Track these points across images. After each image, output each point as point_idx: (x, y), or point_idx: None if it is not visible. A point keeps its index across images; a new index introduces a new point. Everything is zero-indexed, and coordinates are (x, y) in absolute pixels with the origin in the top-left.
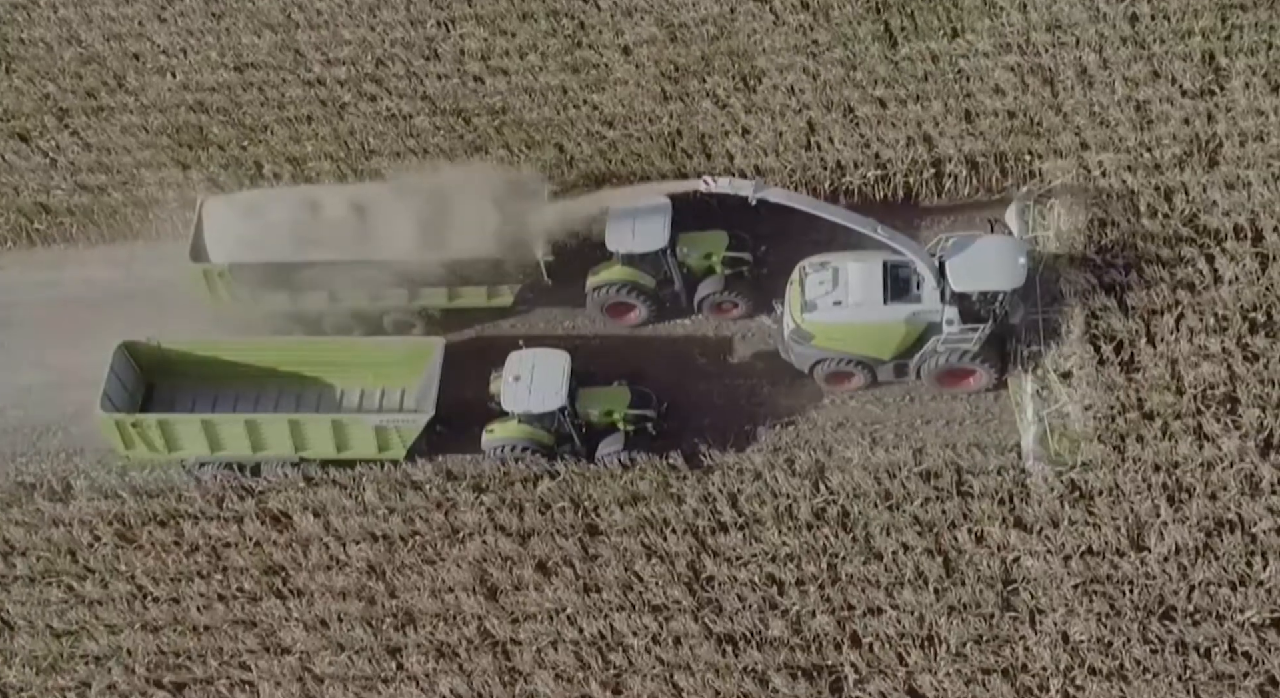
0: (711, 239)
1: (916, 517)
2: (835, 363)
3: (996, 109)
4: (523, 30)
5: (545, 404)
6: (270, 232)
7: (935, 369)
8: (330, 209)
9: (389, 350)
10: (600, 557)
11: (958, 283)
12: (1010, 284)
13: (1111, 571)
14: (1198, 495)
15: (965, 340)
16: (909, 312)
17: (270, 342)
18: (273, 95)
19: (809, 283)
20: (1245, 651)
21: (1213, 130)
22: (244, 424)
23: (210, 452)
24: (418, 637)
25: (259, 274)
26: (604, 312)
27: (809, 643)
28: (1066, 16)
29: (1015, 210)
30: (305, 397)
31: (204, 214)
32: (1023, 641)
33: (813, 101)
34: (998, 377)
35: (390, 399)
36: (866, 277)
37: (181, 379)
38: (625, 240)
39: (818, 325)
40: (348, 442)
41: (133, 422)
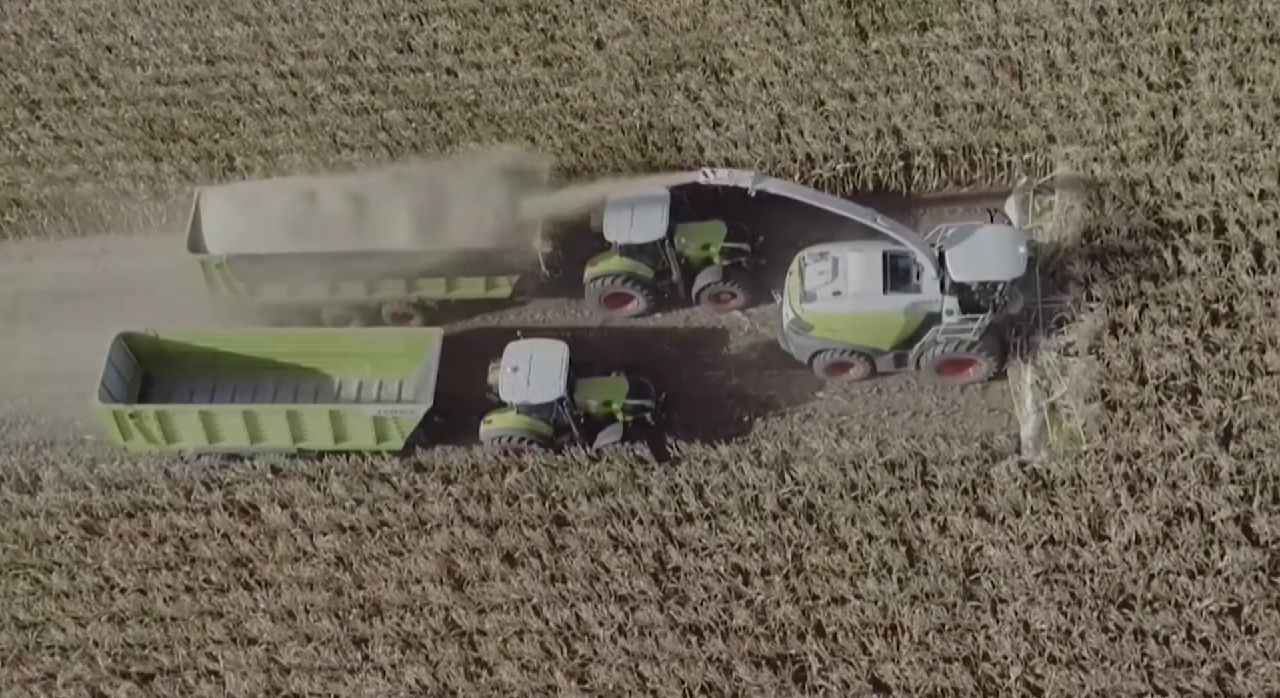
0: (709, 230)
1: (881, 507)
2: (835, 353)
3: (965, 102)
4: (496, 23)
5: (543, 395)
6: (268, 222)
7: (935, 359)
8: (328, 200)
9: (387, 341)
10: (567, 548)
11: (957, 273)
12: (1010, 274)
13: (1072, 560)
14: (1158, 485)
15: (965, 330)
16: (909, 302)
17: (268, 333)
18: (245, 88)
19: (808, 273)
20: (1203, 638)
21: (1178, 123)
22: (242, 415)
23: (208, 443)
24: (384, 628)
25: (257, 265)
26: (602, 303)
27: (773, 632)
28: (1035, 10)
29: (1015, 200)
30: (303, 388)
31: (202, 205)
32: (984, 629)
33: (783, 94)
34: (997, 367)
35: (388, 390)
36: (866, 267)
37: (179, 370)
38: (623, 231)
39: (817, 316)
40: (346, 433)
41: (130, 413)
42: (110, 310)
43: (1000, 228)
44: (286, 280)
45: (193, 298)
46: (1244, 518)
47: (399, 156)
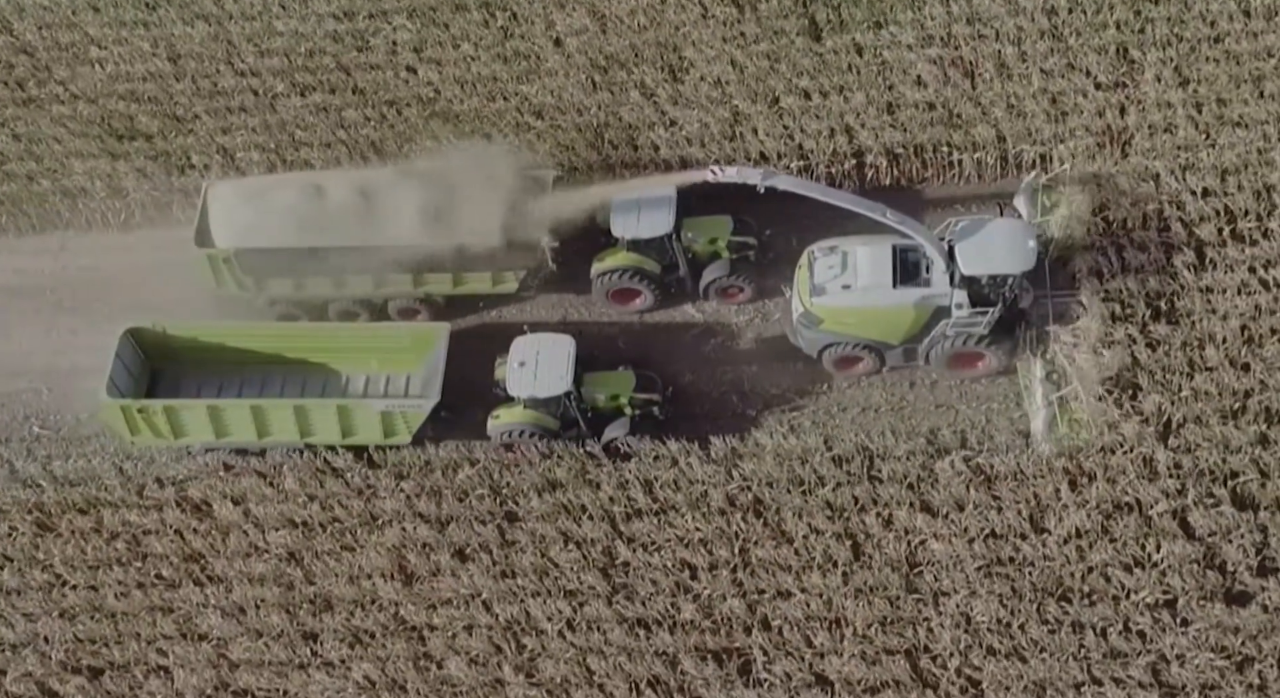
0: (716, 224)
1: (828, 501)
2: (844, 347)
3: (917, 101)
4: (455, 21)
5: (550, 389)
6: (275, 217)
7: (944, 353)
8: (335, 195)
9: (395, 336)
10: (517, 543)
11: (967, 266)
12: (1019, 267)
13: (1013, 553)
14: (1098, 480)
15: (974, 324)
16: (918, 296)
17: (275, 327)
18: (204, 86)
19: (818, 267)
20: (1139, 630)
21: (1124, 122)
22: (250, 410)
23: (216, 437)
24: (334, 623)
25: (264, 260)
26: (609, 297)
27: (719, 626)
28: (986, 9)
29: (1025, 194)
30: (311, 382)
31: (208, 199)
32: (926, 622)
33: (738, 93)
34: (1007, 360)
35: (395, 385)
36: (875, 261)
37: (186, 365)
38: (630, 226)
39: (826, 309)
40: (353, 427)
41: (139, 408)
42: (70, 307)
43: (1010, 222)
44: (293, 275)
45: (150, 293)
46: (1180, 512)
47: (357, 154)
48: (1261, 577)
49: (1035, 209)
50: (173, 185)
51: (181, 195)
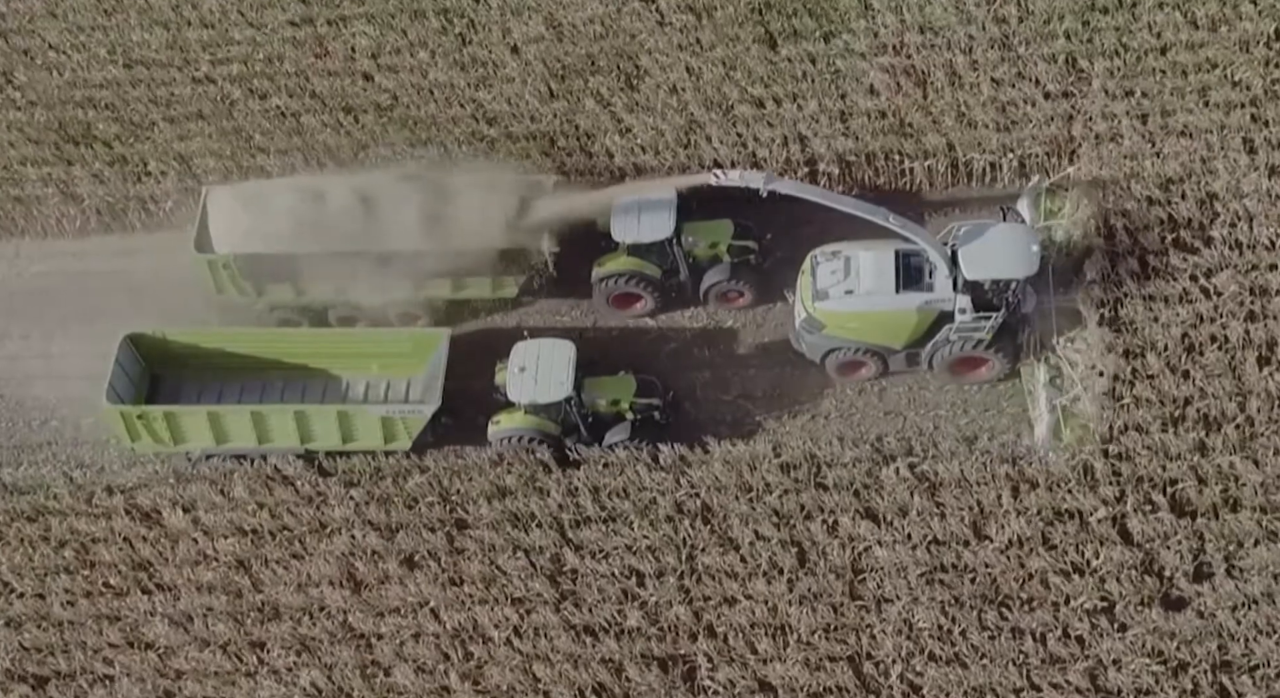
0: (717, 228)
1: (775, 508)
2: (847, 352)
3: (868, 109)
4: (413, 28)
5: (551, 394)
6: (275, 222)
7: (947, 358)
8: (335, 200)
9: (394, 341)
10: (466, 551)
11: (970, 271)
12: (1023, 272)
13: (955, 560)
14: (1039, 487)
15: (978, 329)
16: (921, 300)
17: (275, 332)
18: (161, 93)
19: (820, 272)
20: (1078, 635)
21: (1070, 131)
22: (250, 416)
23: (216, 443)
24: (281, 631)
25: (264, 265)
26: (610, 302)
27: (665, 633)
28: (938, 18)
29: (1028, 198)
30: (311, 388)
31: (208, 204)
32: (869, 629)
33: (693, 100)
34: (1010, 366)
35: (395, 390)
36: (878, 265)
37: (186, 371)
38: (631, 230)
39: (829, 314)
40: (353, 433)
41: (138, 414)
42: (28, 315)
43: (1013, 226)
44: (293, 280)
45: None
46: (1119, 518)
47: (313, 160)
48: (1197, 582)
49: (1039, 213)
50: (128, 192)
51: (137, 202)
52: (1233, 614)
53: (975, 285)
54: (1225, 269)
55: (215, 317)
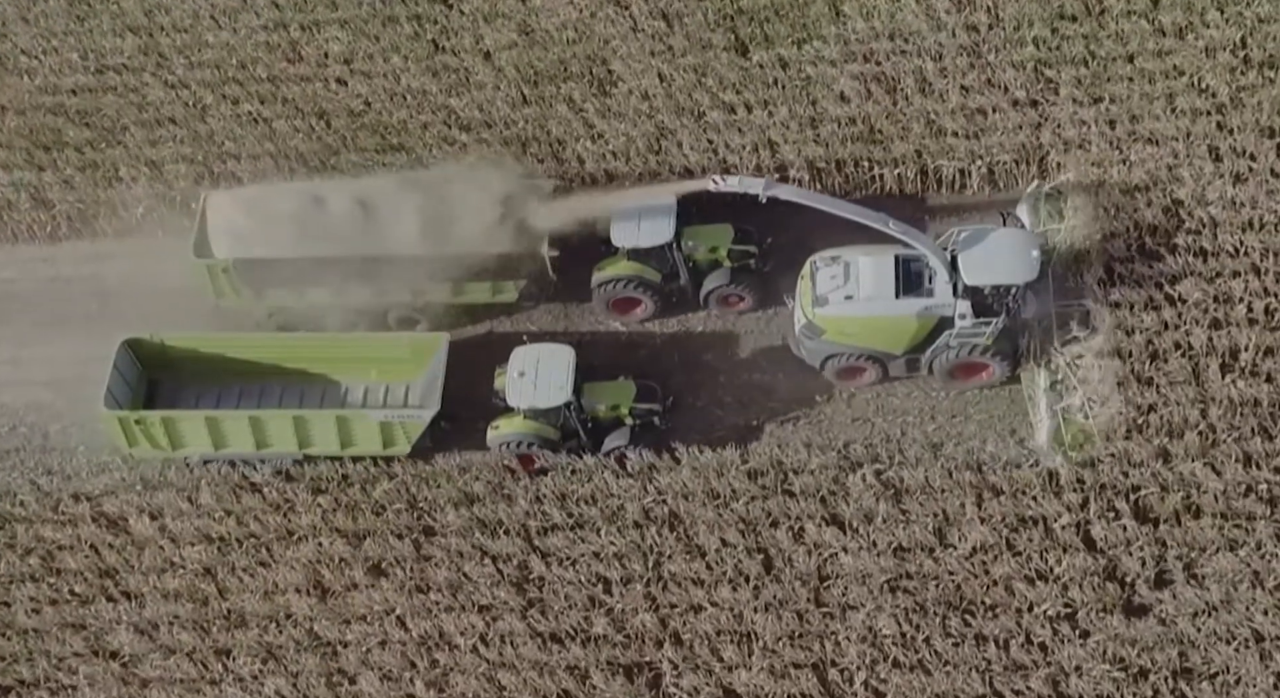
0: (717, 232)
1: (741, 515)
2: (847, 358)
3: (838, 116)
4: (386, 34)
5: (550, 400)
6: (274, 227)
7: (948, 363)
8: (334, 204)
9: (393, 346)
10: (433, 558)
11: (970, 277)
12: (1023, 278)
13: (919, 567)
14: (1004, 494)
15: (978, 335)
16: (921, 306)
17: (274, 337)
18: (133, 98)
19: (820, 277)
20: (1040, 642)
21: (1039, 139)
22: (248, 421)
23: (214, 449)
24: (247, 638)
25: (263, 270)
26: (610, 307)
27: (630, 640)
28: (908, 25)
29: (1028, 203)
30: (309, 392)
31: (207, 209)
32: (833, 636)
33: (664, 106)
34: (1011, 371)
35: (394, 395)
36: (878, 271)
37: (184, 375)
38: (631, 235)
39: (829, 320)
40: (352, 438)
41: (136, 419)
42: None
43: (1013, 231)
44: (293, 285)
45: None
46: (1083, 525)
47: (285, 166)
48: (1159, 589)
49: (1038, 218)
50: (99, 198)
51: (108, 208)
52: (1193, 621)
53: (975, 291)
54: (1189, 276)
55: (191, 321)
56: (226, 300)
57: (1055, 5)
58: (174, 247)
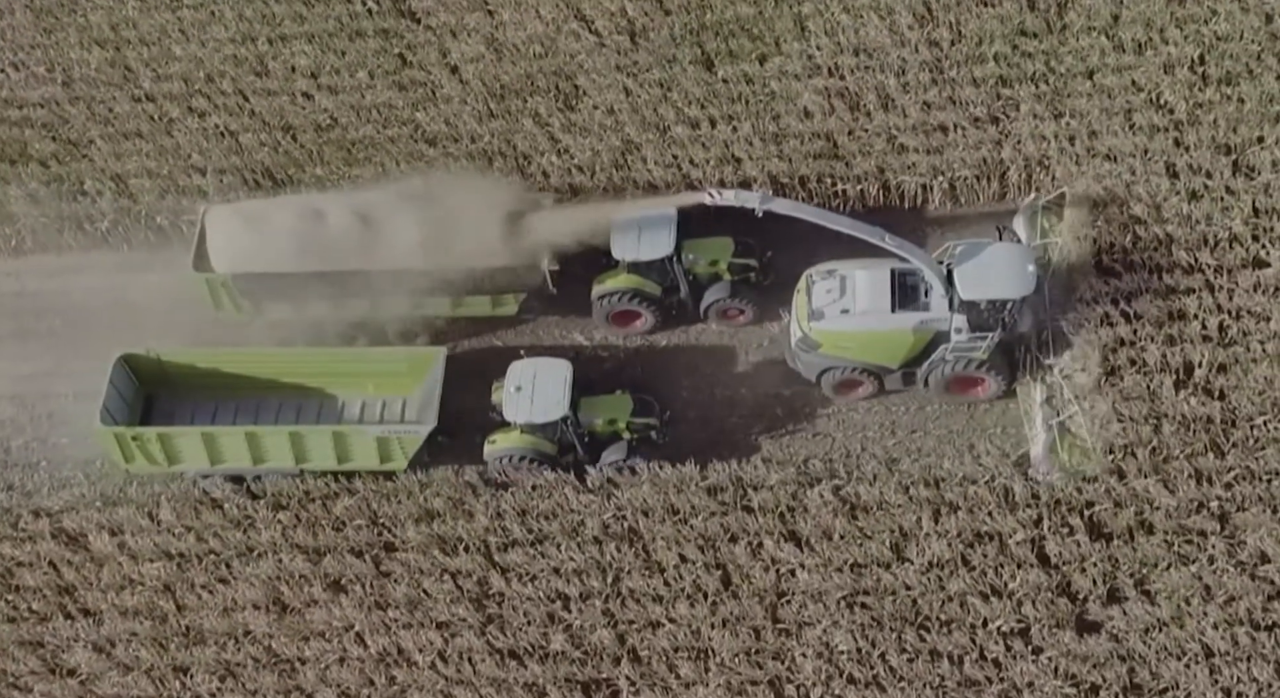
0: (717, 245)
1: (700, 532)
2: (843, 371)
3: (801, 132)
4: (352, 48)
5: (547, 414)
6: (274, 241)
7: (944, 377)
8: (333, 218)
9: (390, 361)
10: (392, 574)
11: (966, 291)
12: (1019, 292)
13: (875, 583)
14: (960, 510)
15: (974, 349)
16: (917, 320)
17: (271, 352)
18: (100, 111)
19: (816, 291)
20: (994, 658)
21: (999, 155)
22: (245, 437)
23: (211, 464)
24: (204, 656)
25: (263, 284)
26: (610, 320)
27: (588, 657)
28: (872, 40)
29: (1024, 216)
30: (306, 407)
31: (206, 223)
32: (789, 653)
33: (629, 121)
34: (1006, 385)
35: (391, 409)
36: (874, 285)
37: (181, 390)
38: (631, 248)
39: (825, 333)
40: (349, 453)
41: (133, 435)
42: None
43: (1009, 246)
44: (292, 299)
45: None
46: (1037, 541)
47: (251, 181)
48: (1110, 605)
49: (1035, 232)
50: (63, 212)
51: (73, 222)
52: (1143, 637)
53: (971, 305)
54: (1145, 293)
55: (160, 336)
56: (226, 313)
57: (1016, 22)
58: (140, 260)
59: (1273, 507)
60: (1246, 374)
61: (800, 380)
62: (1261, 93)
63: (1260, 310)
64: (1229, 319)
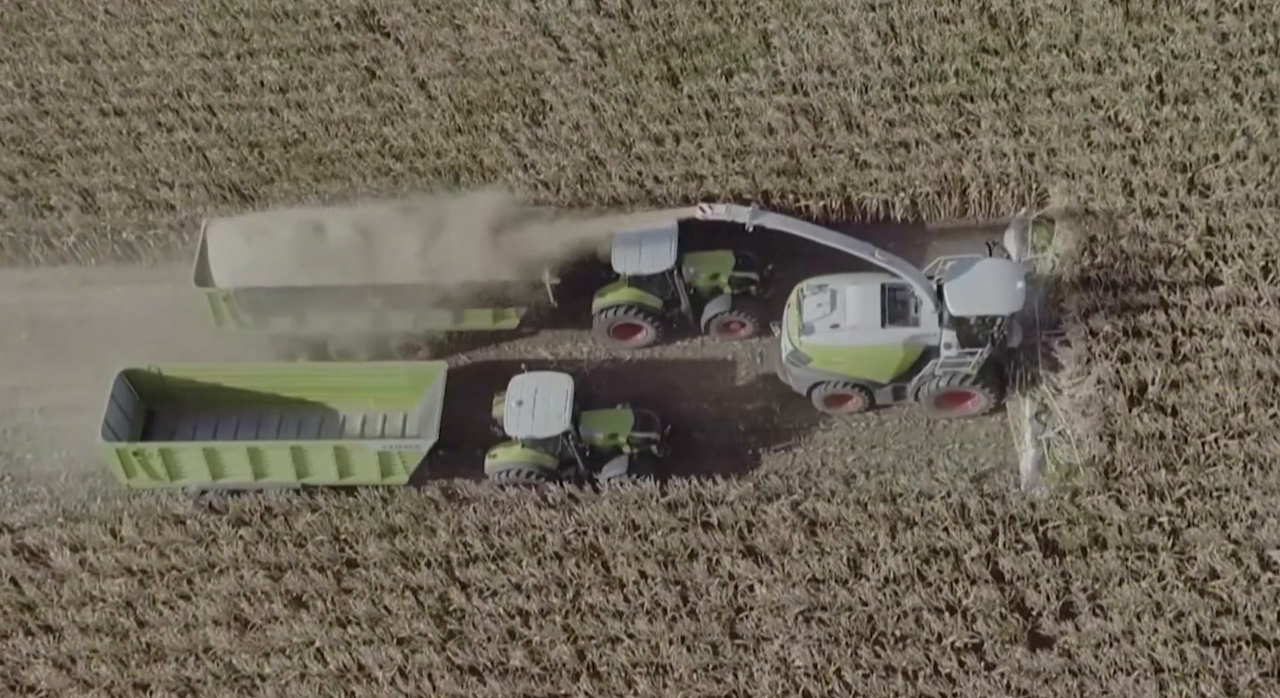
0: (718, 259)
1: (660, 547)
2: (833, 385)
3: (764, 148)
4: (320, 63)
5: (548, 429)
6: (275, 255)
7: (934, 392)
8: (335, 232)
9: (391, 375)
10: (354, 590)
11: (956, 307)
12: (1008, 308)
13: (832, 598)
14: (916, 525)
15: (963, 364)
16: (907, 335)
17: (272, 367)
18: (68, 125)
19: (806, 305)
20: (947, 673)
21: (960, 172)
22: (246, 451)
23: (212, 479)
24: (164, 673)
25: (264, 298)
26: (610, 333)
27: (547, 673)
28: (835, 57)
29: (1015, 232)
30: (306, 421)
31: (208, 237)
32: (747, 668)
33: (595, 137)
34: (996, 400)
35: (392, 424)
36: (864, 299)
37: (182, 405)
38: (632, 261)
39: (815, 348)
40: (350, 468)
41: (134, 451)
42: None
43: (999, 262)
44: (294, 313)
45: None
46: (991, 557)
47: (217, 196)
48: (1063, 621)
49: (1025, 247)
50: (29, 226)
51: (39, 236)
52: (1095, 652)
53: (961, 321)
54: (1099, 310)
55: (131, 351)
56: (228, 327)
57: (978, 39)
58: (107, 275)
59: (1222, 523)
60: (1198, 391)
61: (792, 394)
62: (1216, 112)
63: (1213, 328)
64: (1182, 336)
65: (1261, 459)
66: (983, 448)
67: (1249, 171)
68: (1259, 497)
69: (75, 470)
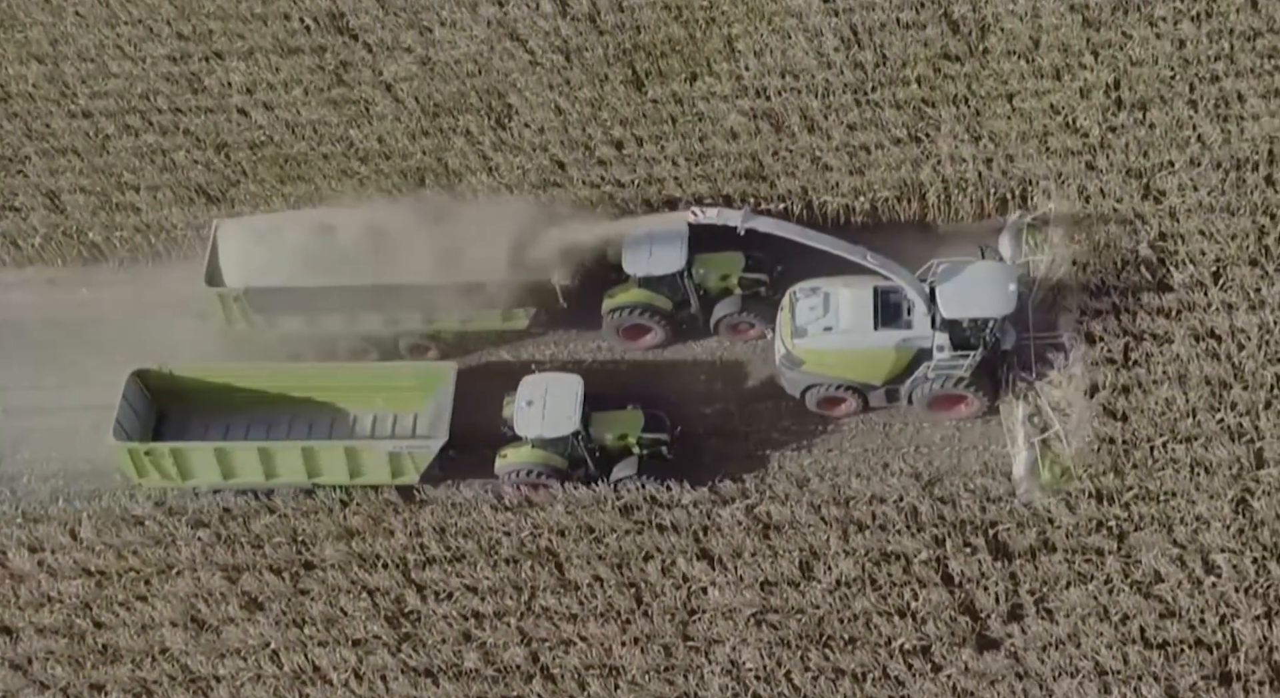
0: (728, 260)
1: (615, 550)
2: (826, 388)
3: (727, 152)
4: (287, 65)
5: (558, 429)
6: (286, 255)
7: (926, 395)
8: (345, 233)
9: (401, 375)
10: (310, 592)
11: (948, 310)
12: (1001, 311)
13: (783, 601)
14: (869, 528)
15: (956, 367)
16: (899, 338)
17: (282, 367)
18: (36, 126)
19: (799, 308)
20: (896, 676)
21: (919, 176)
22: (257, 452)
23: (223, 479)
24: (120, 674)
25: (275, 298)
26: (620, 334)
27: (500, 675)
28: (798, 62)
29: (1008, 235)
30: (317, 422)
31: (218, 238)
32: (698, 670)
33: (558, 140)
34: (989, 403)
35: (402, 424)
36: (857, 303)
37: (193, 405)
38: (642, 263)
39: (808, 351)
40: (361, 468)
41: (146, 451)
42: None
43: (991, 264)
44: (305, 313)
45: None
46: (941, 560)
47: (184, 198)
48: (1011, 623)
49: (1019, 250)
50: None
51: (5, 238)
52: (1040, 655)
53: (953, 323)
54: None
55: (104, 354)
56: (239, 327)
57: (939, 45)
58: (74, 277)
59: (1168, 527)
60: (1147, 396)
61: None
62: (1172, 118)
63: (1163, 333)
64: (1133, 343)
65: (1207, 463)
66: (937, 452)
67: (1202, 178)
68: (1204, 500)
69: (37, 472)
